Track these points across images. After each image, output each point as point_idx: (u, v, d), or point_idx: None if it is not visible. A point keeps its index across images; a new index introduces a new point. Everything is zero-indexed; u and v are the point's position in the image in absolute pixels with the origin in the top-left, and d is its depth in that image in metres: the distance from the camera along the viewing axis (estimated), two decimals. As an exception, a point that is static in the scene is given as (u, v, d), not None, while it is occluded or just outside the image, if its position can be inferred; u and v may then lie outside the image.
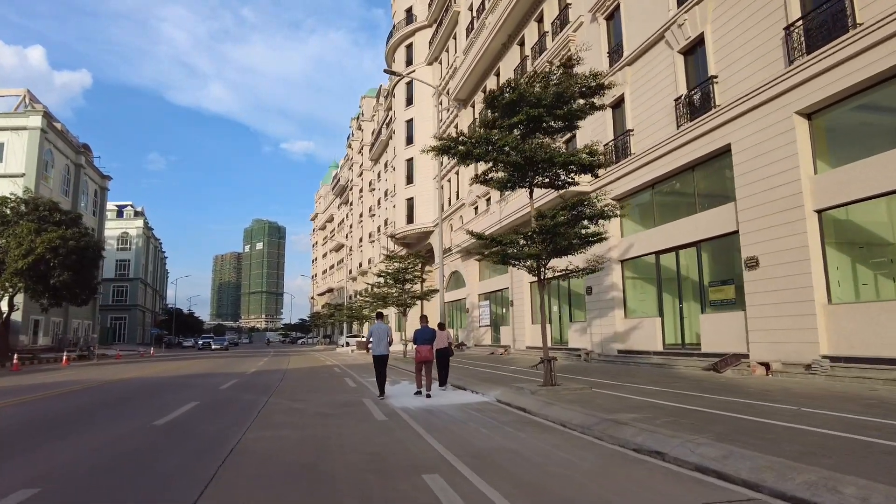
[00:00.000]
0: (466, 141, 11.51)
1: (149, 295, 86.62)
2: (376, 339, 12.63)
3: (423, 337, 12.92)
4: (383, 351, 12.51)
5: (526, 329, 26.72)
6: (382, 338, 12.62)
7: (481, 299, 34.12)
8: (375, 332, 12.67)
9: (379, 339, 12.60)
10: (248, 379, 16.70)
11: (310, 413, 9.27)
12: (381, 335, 12.50)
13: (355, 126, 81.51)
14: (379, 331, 12.64)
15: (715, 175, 16.07)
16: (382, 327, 12.82)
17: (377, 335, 12.62)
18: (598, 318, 20.61)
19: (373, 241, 67.04)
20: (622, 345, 19.34)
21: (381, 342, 12.46)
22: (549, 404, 8.99)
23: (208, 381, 16.11)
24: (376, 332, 12.64)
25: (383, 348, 12.47)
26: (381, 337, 12.61)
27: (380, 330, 12.60)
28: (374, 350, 12.61)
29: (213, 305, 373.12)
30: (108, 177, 58.19)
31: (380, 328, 12.75)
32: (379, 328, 12.76)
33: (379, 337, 12.62)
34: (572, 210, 10.95)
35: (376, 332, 12.64)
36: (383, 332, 12.65)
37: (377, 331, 12.65)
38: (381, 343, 12.46)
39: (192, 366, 24.79)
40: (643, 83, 18.64)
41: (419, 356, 12.68)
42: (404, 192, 46.48)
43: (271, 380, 16.13)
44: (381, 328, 12.76)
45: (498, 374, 15.52)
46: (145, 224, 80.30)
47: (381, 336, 12.60)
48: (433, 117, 44.96)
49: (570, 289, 23.56)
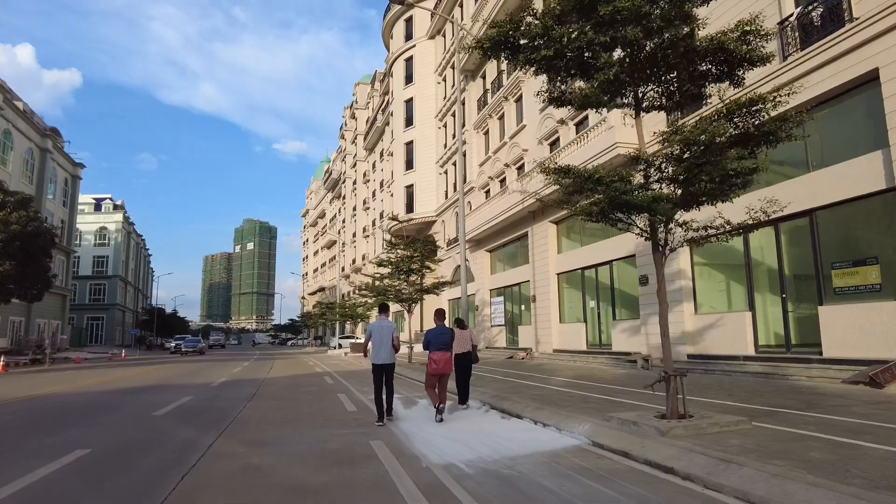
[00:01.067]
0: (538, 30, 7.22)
1: (130, 294, 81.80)
2: (377, 341, 9.01)
3: (440, 340, 9.37)
4: (386, 359, 9.03)
5: (553, 329, 22.56)
6: (385, 340, 9.01)
7: (493, 295, 29.94)
8: (376, 331, 9.05)
9: (381, 341, 9.00)
10: (206, 396, 12.39)
11: (277, 484, 4.98)
12: (383, 336, 9.04)
13: (348, 115, 77.17)
14: (381, 330, 9.06)
15: (844, 115, 11.96)
16: (386, 325, 9.14)
17: (378, 336, 9.01)
18: (655, 314, 16.42)
19: (367, 235, 62.82)
20: (694, 347, 15.22)
21: (384, 346, 9.01)
22: (719, 462, 4.82)
23: (149, 399, 11.81)
24: (377, 333, 9.04)
25: (386, 355, 9.02)
26: (383, 339, 9.01)
27: (382, 329, 9.09)
28: (375, 357, 9.02)
29: (204, 306, 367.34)
30: (80, 164, 53.52)
31: (382, 327, 9.10)
32: (381, 327, 9.10)
33: (381, 339, 9.00)
34: (750, 114, 6.47)
35: (377, 333, 9.04)
36: (387, 333, 9.05)
37: (378, 330, 9.05)
38: (383, 348, 9.02)
39: (153, 373, 20.45)
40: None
41: (435, 367, 9.19)
42: (403, 180, 42.25)
43: (238, 397, 11.86)
44: (384, 327, 9.11)
45: (549, 390, 11.34)
46: (125, 218, 75.52)
47: (383, 337, 9.02)
48: (435, 95, 40.76)
49: (612, 278, 19.42)
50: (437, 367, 9.12)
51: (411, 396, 11.58)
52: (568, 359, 20.46)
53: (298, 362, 28.40)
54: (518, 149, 26.46)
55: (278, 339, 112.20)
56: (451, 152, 36.28)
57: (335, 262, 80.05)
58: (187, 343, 47.06)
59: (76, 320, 68.82)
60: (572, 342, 21.23)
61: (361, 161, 67.85)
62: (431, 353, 9.23)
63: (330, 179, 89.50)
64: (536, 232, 24.15)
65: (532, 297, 24.29)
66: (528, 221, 24.61)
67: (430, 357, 9.22)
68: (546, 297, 23.20)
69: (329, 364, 25.88)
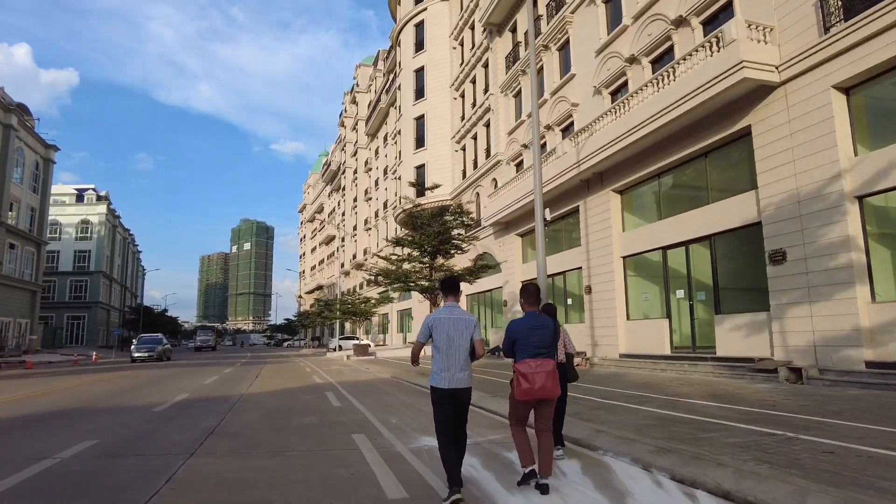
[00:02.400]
0: None
1: (115, 292, 76.62)
2: (443, 344, 4.75)
3: (534, 338, 4.99)
4: (461, 380, 4.76)
5: (619, 328, 17.57)
6: (460, 344, 4.77)
7: (527, 287, 24.94)
8: (442, 326, 4.79)
9: (450, 345, 4.75)
10: (122, 437, 7.02)
11: None
12: (454, 337, 4.79)
13: (349, 100, 72.12)
14: (450, 326, 4.81)
15: None
16: (460, 318, 4.87)
17: (445, 336, 4.75)
18: (802, 303, 11.50)
19: (369, 228, 57.90)
20: (874, 351, 10.25)
21: (458, 356, 4.77)
22: None
23: (37, 438, 6.79)
24: (444, 329, 4.78)
25: (461, 372, 4.76)
26: (455, 342, 4.77)
27: (453, 324, 4.83)
28: (439, 376, 4.74)
29: (200, 307, 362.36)
30: (53, 147, 48.32)
31: (452, 320, 4.84)
32: (450, 320, 4.83)
33: (450, 341, 4.75)
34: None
35: (444, 329, 4.78)
36: (461, 331, 4.81)
37: (446, 325, 4.80)
38: (455, 358, 4.76)
39: (93, 385, 15.40)
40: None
41: (527, 388, 4.83)
42: (413, 160, 37.24)
43: (175, 445, 6.59)
44: (458, 320, 4.85)
45: (665, 418, 6.36)
46: (110, 211, 70.36)
47: (455, 339, 4.78)
48: (450, 63, 35.80)
49: (714, 258, 14.44)
50: (530, 388, 4.72)
51: (479, 441, 6.57)
52: (644, 366, 15.48)
53: (292, 368, 23.36)
54: (565, 104, 21.47)
55: (273, 341, 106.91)
56: (470, 123, 31.30)
57: (334, 257, 75.06)
58: (140, 346, 31.75)
59: (55, 319, 63.76)
60: (649, 344, 16.26)
61: (363, 148, 62.93)
62: (518, 364, 4.84)
63: (328, 171, 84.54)
64: (592, 206, 19.17)
65: (586, 287, 19.30)
66: (580, 193, 19.64)
67: (517, 370, 4.81)
68: (607, 287, 18.21)
69: (330, 371, 20.85)
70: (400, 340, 45.24)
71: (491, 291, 28.74)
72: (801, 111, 11.66)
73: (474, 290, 29.38)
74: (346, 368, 22.64)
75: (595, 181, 18.85)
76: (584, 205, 19.59)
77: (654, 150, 16.10)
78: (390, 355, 31.96)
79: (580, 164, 18.10)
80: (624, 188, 18.00)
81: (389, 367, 20.80)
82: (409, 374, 16.97)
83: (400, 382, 15.31)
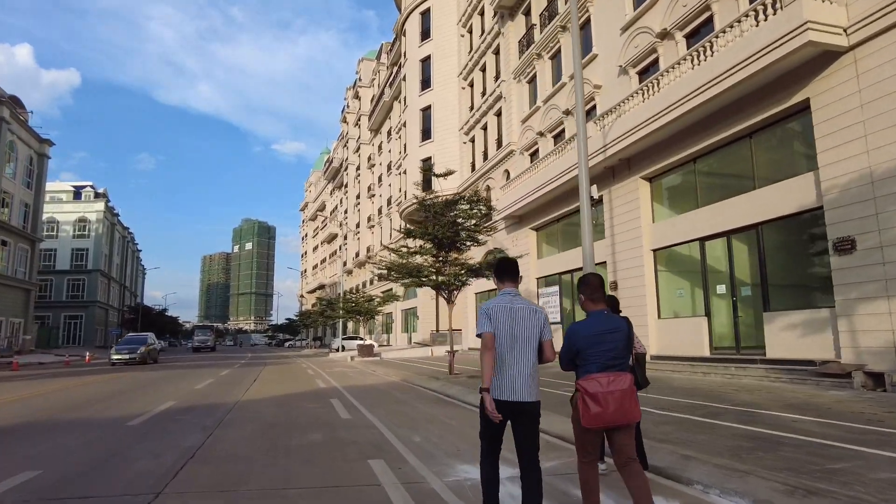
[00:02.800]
0: None
1: (114, 290, 75.31)
2: (506, 341, 3.43)
3: (605, 345, 3.59)
4: (525, 392, 3.40)
5: (650, 328, 16.09)
6: (525, 341, 3.49)
7: (542, 285, 23.55)
8: (502, 317, 3.48)
9: (513, 343, 3.45)
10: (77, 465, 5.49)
11: None
12: (518, 333, 3.47)
13: (351, 95, 70.69)
14: (512, 317, 3.50)
15: None
16: (523, 308, 3.55)
17: (509, 331, 3.45)
18: (877, 298, 10.03)
19: (372, 225, 56.50)
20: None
21: (523, 358, 3.44)
22: None
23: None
24: (504, 321, 3.47)
25: (526, 381, 3.41)
26: (519, 338, 3.48)
27: (515, 315, 3.51)
28: (498, 384, 3.39)
29: (202, 307, 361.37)
30: (47, 141, 46.93)
31: (515, 310, 3.52)
32: (511, 310, 3.52)
33: (513, 338, 3.45)
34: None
35: (504, 321, 3.47)
36: (528, 326, 3.52)
37: (509, 316, 3.49)
38: (520, 360, 3.43)
39: (72, 391, 13.99)
40: None
41: (597, 412, 3.41)
42: (419, 153, 35.80)
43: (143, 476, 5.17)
44: (522, 310, 3.54)
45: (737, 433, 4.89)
46: (108, 208, 69.00)
47: (519, 335, 3.48)
48: (458, 51, 34.35)
49: (761, 250, 12.97)
50: (602, 413, 3.51)
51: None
52: (682, 368, 14.02)
53: (293, 370, 21.94)
54: (586, 87, 19.97)
55: (275, 341, 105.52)
56: (480, 113, 29.85)
57: (336, 256, 73.65)
58: (120, 348, 27.68)
59: (52, 318, 62.48)
60: (685, 345, 14.80)
61: (366, 144, 61.52)
62: (583, 380, 3.61)
63: (330, 168, 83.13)
64: (618, 195, 17.72)
65: (611, 284, 17.84)
66: (605, 181, 18.18)
67: (584, 389, 3.58)
68: (636, 283, 16.76)
69: (334, 374, 19.43)
70: (405, 340, 43.78)
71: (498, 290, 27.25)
72: (876, 78, 10.19)
73: (482, 288, 27.96)
74: (350, 371, 21.21)
75: (621, 168, 17.39)
76: (608, 194, 18.13)
77: (690, 132, 14.65)
78: (396, 356, 30.52)
79: (606, 150, 16.64)
80: (654, 175, 16.54)
81: (397, 370, 19.39)
82: (420, 377, 15.53)
83: (412, 387, 13.87)
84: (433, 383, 13.74)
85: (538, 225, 23.47)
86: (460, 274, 14.83)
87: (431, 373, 16.99)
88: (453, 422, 8.01)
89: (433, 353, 30.94)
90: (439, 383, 13.47)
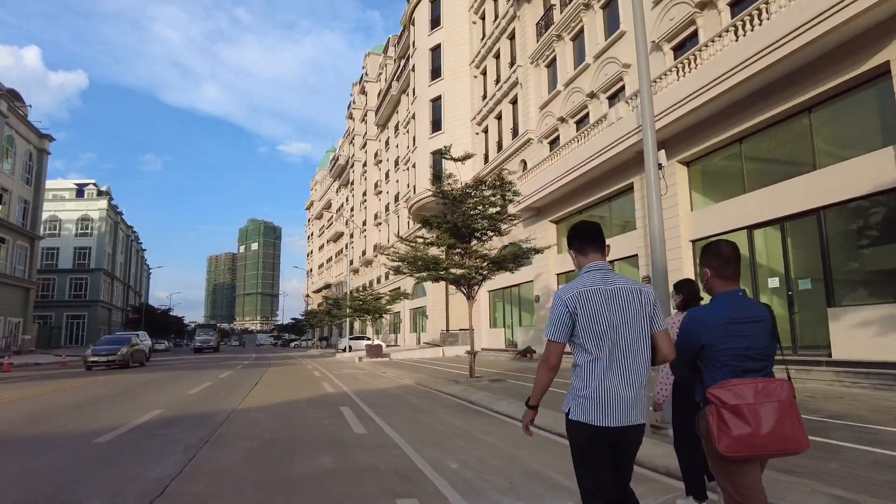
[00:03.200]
0: None
1: (117, 290, 74.27)
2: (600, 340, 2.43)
3: (745, 338, 2.43)
4: (634, 411, 2.43)
5: (689, 324, 14.61)
6: (634, 344, 2.44)
7: (563, 282, 22.08)
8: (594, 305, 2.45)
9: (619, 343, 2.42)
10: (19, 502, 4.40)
11: None
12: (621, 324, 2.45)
13: (357, 91, 69.40)
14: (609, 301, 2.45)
15: None
16: (629, 289, 2.47)
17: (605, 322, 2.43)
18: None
19: (378, 223, 55.19)
20: None
21: (631, 362, 2.45)
22: None
23: None
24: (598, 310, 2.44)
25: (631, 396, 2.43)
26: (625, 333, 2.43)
27: (612, 298, 2.46)
28: (587, 402, 2.40)
29: (208, 307, 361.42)
30: (47, 136, 45.77)
31: (612, 293, 2.44)
32: (606, 293, 2.44)
33: (615, 332, 2.43)
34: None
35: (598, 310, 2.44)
36: (633, 314, 2.45)
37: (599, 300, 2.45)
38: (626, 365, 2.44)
39: (60, 394, 12.64)
40: None
41: (746, 431, 2.27)
42: (428, 145, 34.42)
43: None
44: (625, 293, 2.46)
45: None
46: (111, 206, 67.96)
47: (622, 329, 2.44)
48: (469, 39, 32.95)
49: (824, 236, 11.47)
50: (752, 434, 2.30)
51: None
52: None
53: (299, 372, 20.59)
54: (613, 66, 18.55)
55: (280, 341, 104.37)
56: (493, 101, 28.42)
57: (342, 255, 72.39)
58: (98, 349, 23.68)
59: (54, 318, 61.45)
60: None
61: (372, 140, 60.17)
62: (717, 388, 2.41)
63: (336, 166, 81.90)
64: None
65: (644, 278, 16.37)
66: (635, 167, 16.71)
67: (720, 400, 2.38)
68: (673, 277, 15.22)
69: (342, 376, 18.05)
70: (413, 341, 42.39)
71: (518, 286, 25.84)
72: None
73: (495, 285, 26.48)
74: (359, 372, 19.83)
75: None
76: (640, 181, 16.67)
77: (735, 110, 13.21)
78: (405, 357, 29.13)
79: (640, 131, 15.15)
80: (693, 159, 15.08)
81: (409, 371, 18.00)
82: (436, 380, 14.12)
83: (430, 392, 12.46)
84: (453, 387, 12.33)
85: (558, 217, 22.04)
86: (482, 267, 13.39)
87: (448, 375, 15.59)
88: (490, 438, 6.61)
89: (444, 353, 29.53)
90: (460, 387, 12.06)
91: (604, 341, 2.42)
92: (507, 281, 24.79)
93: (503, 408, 9.05)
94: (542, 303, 22.89)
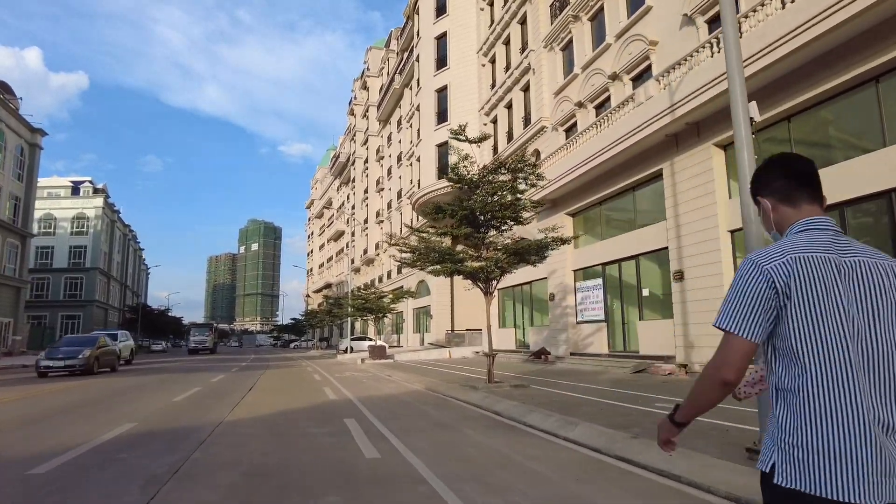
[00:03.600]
0: None
1: (114, 290, 72.89)
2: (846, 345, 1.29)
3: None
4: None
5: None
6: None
7: (581, 279, 20.67)
8: (824, 285, 1.32)
9: (879, 349, 1.29)
10: None
11: None
12: (874, 319, 1.33)
13: (358, 86, 68.03)
14: (849, 280, 1.33)
15: None
16: (871, 262, 1.36)
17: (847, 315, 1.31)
18: None
19: (380, 221, 53.78)
20: None
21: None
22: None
23: None
24: (831, 292, 1.32)
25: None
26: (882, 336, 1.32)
27: (855, 276, 1.34)
28: (827, 456, 1.18)
29: (208, 308, 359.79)
30: (40, 130, 44.37)
31: (853, 267, 1.34)
32: (844, 266, 1.34)
33: (870, 331, 1.31)
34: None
35: (831, 292, 1.32)
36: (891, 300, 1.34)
37: (830, 276, 1.33)
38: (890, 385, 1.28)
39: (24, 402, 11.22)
40: None
41: None
42: (434, 137, 33.01)
43: None
44: (870, 267, 1.35)
45: None
46: (107, 204, 66.56)
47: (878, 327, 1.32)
48: (477, 26, 31.56)
49: (895, 219, 10.07)
50: None
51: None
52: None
53: (298, 375, 19.17)
54: (639, 45, 17.14)
55: (280, 341, 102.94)
56: (503, 90, 27.02)
57: (343, 254, 70.99)
58: (54, 352, 19.31)
59: (48, 318, 60.05)
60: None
61: (374, 136, 58.78)
62: None
63: (337, 164, 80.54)
64: (683, 167, 14.83)
65: (675, 273, 14.95)
66: (665, 152, 15.32)
67: None
68: (709, 271, 13.86)
69: (345, 380, 16.63)
70: (416, 341, 40.95)
71: (530, 284, 24.42)
72: None
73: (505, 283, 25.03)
74: (363, 375, 18.41)
75: (688, 135, 14.51)
76: (669, 167, 15.25)
77: (784, 83, 11.79)
78: (410, 358, 27.69)
79: (674, 110, 13.75)
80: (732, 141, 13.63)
81: (417, 375, 16.59)
82: (449, 385, 12.70)
83: (445, 399, 11.04)
84: (471, 394, 10.91)
85: (575, 210, 20.62)
86: (501, 259, 11.96)
87: (461, 379, 14.17)
88: (538, 466, 5.19)
89: (451, 355, 28.08)
90: (479, 395, 10.63)
91: (843, 348, 1.31)
92: (519, 278, 23.32)
93: (538, 421, 7.63)
94: (557, 301, 21.47)
